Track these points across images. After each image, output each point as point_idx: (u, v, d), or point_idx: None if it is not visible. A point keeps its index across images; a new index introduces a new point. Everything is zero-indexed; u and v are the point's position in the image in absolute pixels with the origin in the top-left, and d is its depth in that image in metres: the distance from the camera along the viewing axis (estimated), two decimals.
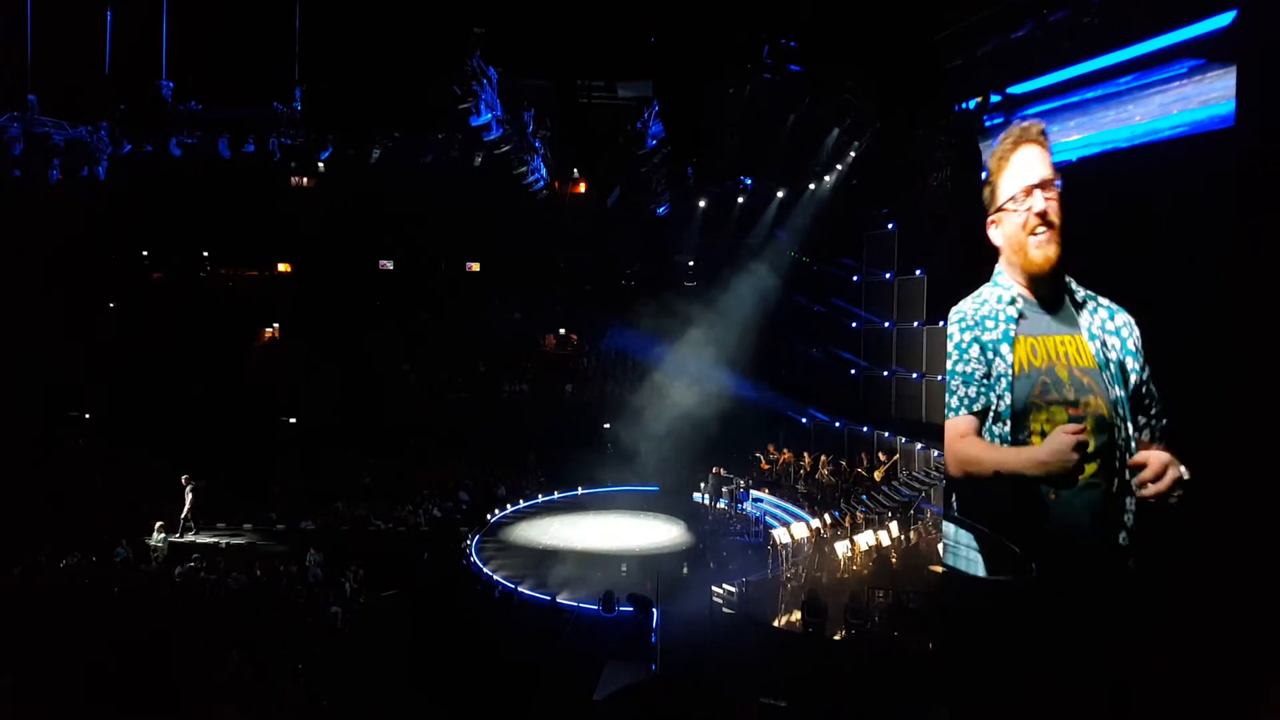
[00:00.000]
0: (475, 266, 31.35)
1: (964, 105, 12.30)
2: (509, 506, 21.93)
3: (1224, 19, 8.30)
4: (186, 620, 14.48)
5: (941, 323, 18.66)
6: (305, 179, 30.26)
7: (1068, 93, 9.60)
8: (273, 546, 19.65)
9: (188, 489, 20.03)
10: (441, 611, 17.28)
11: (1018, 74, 11.71)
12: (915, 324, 21.57)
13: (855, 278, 24.08)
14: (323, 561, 17.94)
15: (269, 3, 17.80)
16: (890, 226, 22.38)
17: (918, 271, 21.30)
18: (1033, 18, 11.50)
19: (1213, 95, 8.00)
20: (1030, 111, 10.16)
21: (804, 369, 25.39)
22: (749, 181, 21.49)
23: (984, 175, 9.11)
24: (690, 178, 21.03)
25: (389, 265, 31.16)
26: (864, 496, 19.33)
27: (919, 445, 20.09)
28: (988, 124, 10.89)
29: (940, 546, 14.79)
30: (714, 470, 20.67)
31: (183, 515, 19.98)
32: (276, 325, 30.89)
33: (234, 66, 19.60)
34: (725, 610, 15.01)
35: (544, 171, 18.20)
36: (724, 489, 20.13)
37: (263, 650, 13.41)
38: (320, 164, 22.39)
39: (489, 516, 21.04)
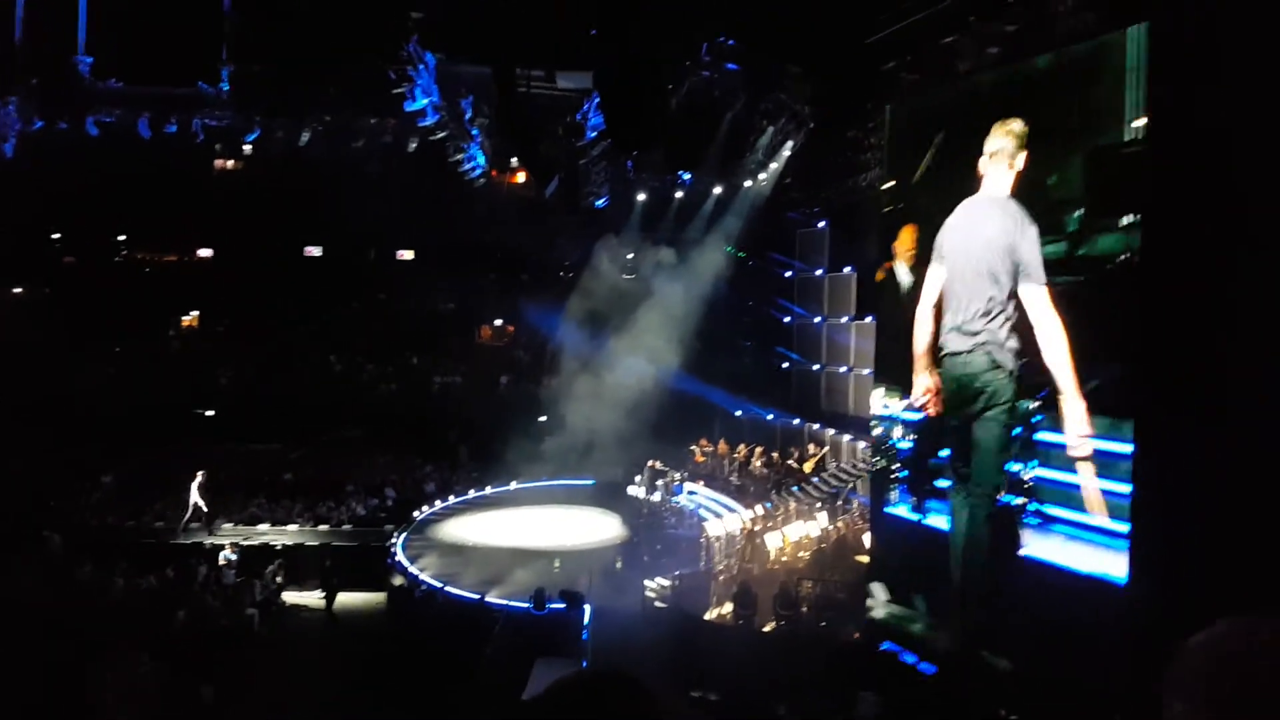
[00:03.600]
0: (408, 254, 30.79)
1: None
2: (438, 503, 21.61)
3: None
4: (96, 623, 13.92)
5: (869, 318, 19.09)
6: (230, 161, 29.31)
7: None
8: (186, 544, 19.03)
9: (195, 484, 19.42)
10: (365, 612, 17.00)
11: (946, 78, 12.04)
12: (844, 319, 21.97)
13: (788, 273, 24.40)
14: (238, 561, 17.42)
15: None
16: (822, 224, 22.72)
17: (847, 268, 21.67)
18: (961, 24, 11.80)
19: None
20: None
21: (738, 362, 25.64)
22: (687, 177, 21.58)
23: None
24: (630, 171, 21.01)
25: (316, 252, 30.38)
26: (795, 488, 19.62)
27: (847, 437, 20.49)
28: None
29: (865, 536, 15.12)
30: (649, 463, 20.74)
31: (190, 511, 19.36)
32: (196, 313, 29.87)
33: (158, 44, 18.83)
34: (658, 604, 15.07)
35: (481, 159, 17.97)
36: (659, 482, 20.21)
37: (176, 654, 12.99)
38: (246, 146, 21.71)
39: (416, 514, 20.71)
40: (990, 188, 9.15)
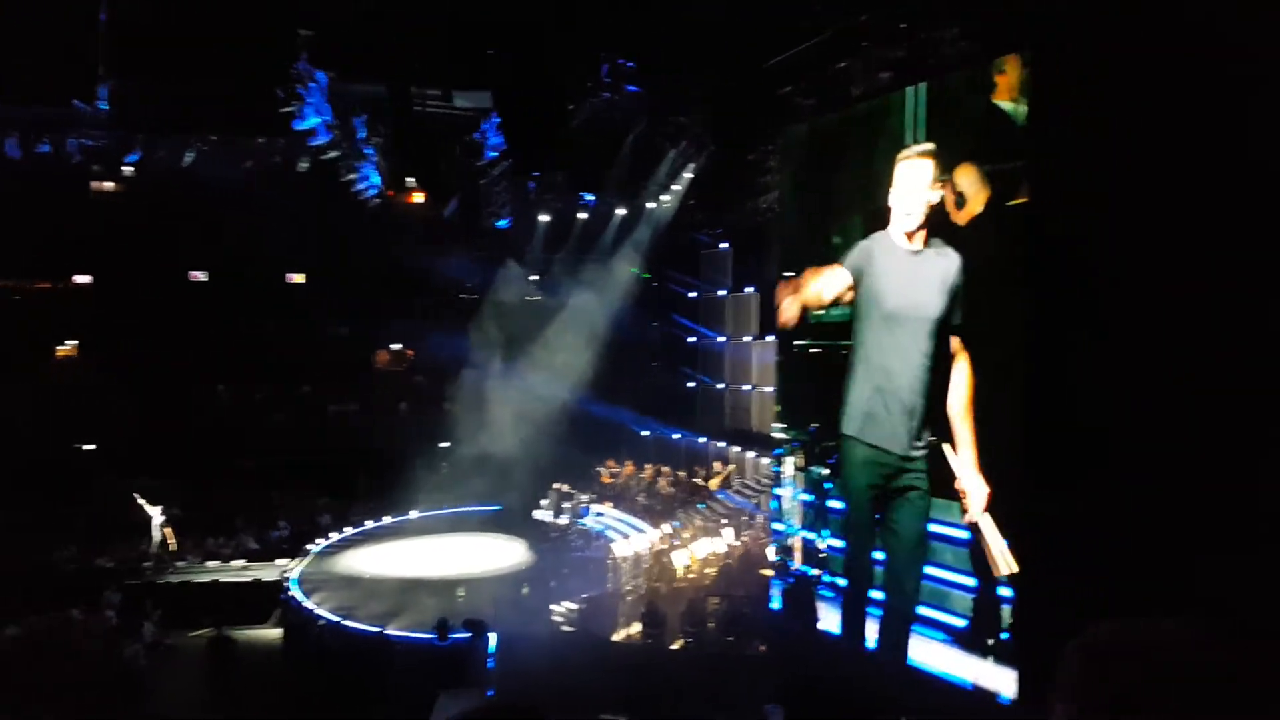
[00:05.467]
0: (299, 278, 29.80)
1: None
2: (334, 535, 20.88)
3: None
4: None
5: (770, 337, 19.45)
6: (109, 183, 27.96)
7: None
8: (65, 585, 17.86)
9: (156, 522, 18.22)
10: (257, 650, 16.25)
11: (839, 102, 12.41)
12: (746, 339, 22.29)
13: (692, 294, 24.66)
14: (121, 602, 16.45)
15: None
16: (724, 245, 23.07)
17: (749, 289, 22.04)
18: (854, 49, 12.22)
19: None
20: None
21: (644, 383, 25.69)
22: (590, 198, 21.64)
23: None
24: (532, 192, 20.93)
25: (202, 276, 29.14)
26: (701, 506, 19.71)
27: (751, 454, 20.74)
28: None
29: (768, 550, 15.28)
30: (555, 486, 20.52)
31: (156, 547, 18.15)
32: (74, 342, 28.24)
33: (29, 60, 17.83)
34: (565, 628, 14.87)
35: (376, 179, 17.61)
36: (565, 505, 20.01)
37: (57, 702, 12.17)
38: (126, 167, 20.74)
39: (310, 546, 19.97)
40: (903, 226, 8.62)
